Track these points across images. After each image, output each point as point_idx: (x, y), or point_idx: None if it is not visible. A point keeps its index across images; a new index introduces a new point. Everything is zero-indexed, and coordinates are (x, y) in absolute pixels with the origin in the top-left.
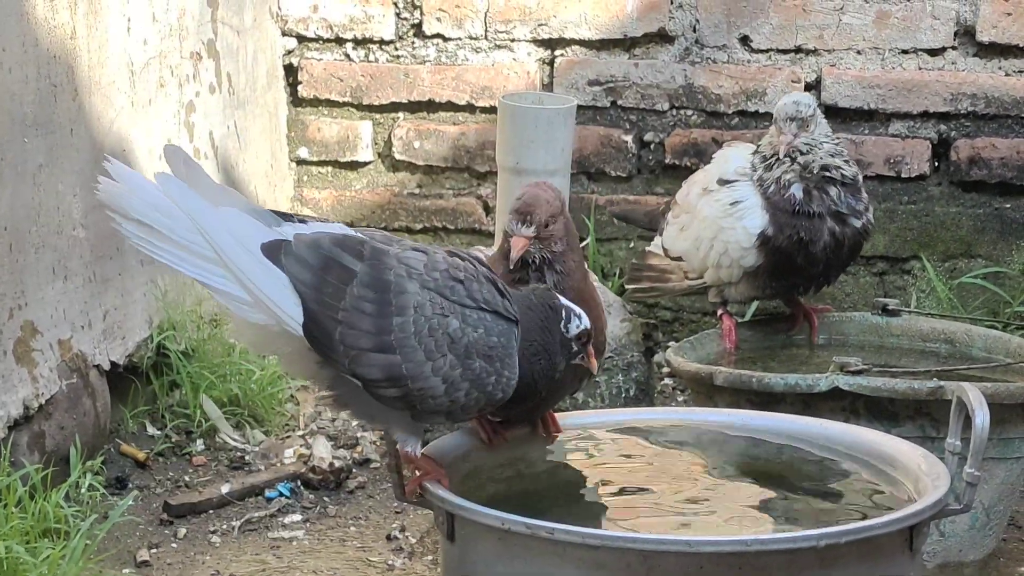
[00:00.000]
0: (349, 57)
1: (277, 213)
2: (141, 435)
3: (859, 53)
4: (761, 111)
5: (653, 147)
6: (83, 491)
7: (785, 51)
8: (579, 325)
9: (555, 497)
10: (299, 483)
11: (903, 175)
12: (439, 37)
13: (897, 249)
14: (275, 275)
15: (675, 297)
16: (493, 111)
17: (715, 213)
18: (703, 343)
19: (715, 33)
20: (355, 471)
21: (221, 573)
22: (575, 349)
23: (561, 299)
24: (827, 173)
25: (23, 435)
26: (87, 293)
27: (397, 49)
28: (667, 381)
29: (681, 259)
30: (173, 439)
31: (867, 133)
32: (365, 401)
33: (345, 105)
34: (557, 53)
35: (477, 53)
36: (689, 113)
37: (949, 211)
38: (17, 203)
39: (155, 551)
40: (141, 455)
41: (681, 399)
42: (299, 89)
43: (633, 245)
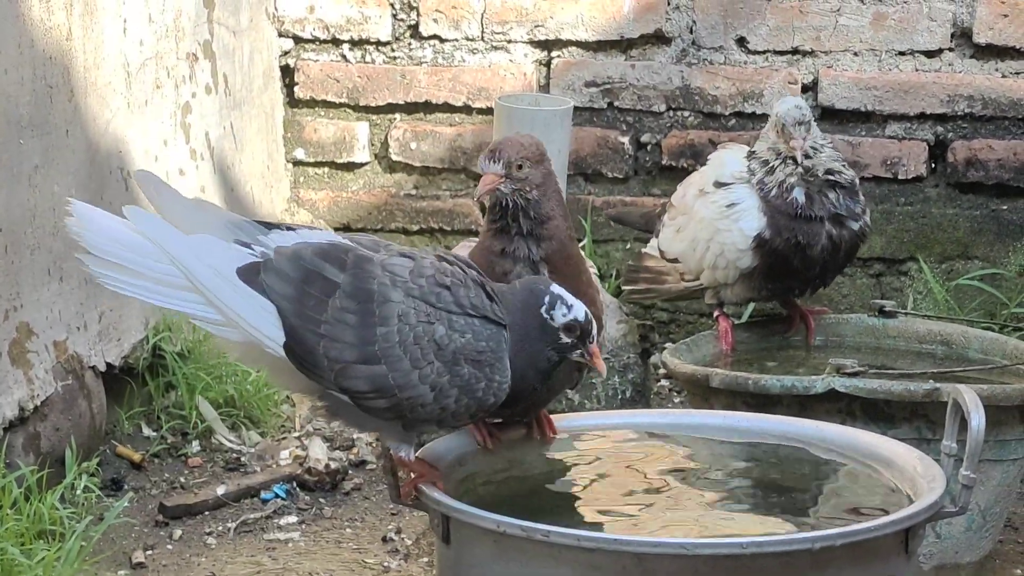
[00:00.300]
0: (345, 58)
1: (261, 223)
2: (137, 436)
3: (856, 55)
4: (758, 112)
5: (650, 148)
6: (78, 492)
7: (782, 52)
8: (567, 314)
9: (550, 499)
10: (295, 484)
11: (900, 177)
12: (436, 38)
13: (894, 251)
14: (253, 299)
15: (671, 299)
16: (490, 112)
17: (712, 215)
18: (699, 345)
19: (712, 34)
20: (351, 473)
21: (217, 575)
22: (564, 340)
23: (554, 287)
24: (830, 177)
25: (18, 436)
26: (83, 294)
27: (394, 50)
28: (663, 383)
29: (677, 261)
30: (169, 440)
31: (864, 135)
32: (355, 412)
33: (341, 106)
34: (554, 54)
35: (474, 54)
36: (686, 114)
37: (946, 213)
38: (13, 204)
39: (150, 552)
40: (137, 456)
41: (677, 401)
42: (295, 90)
43: (630, 246)
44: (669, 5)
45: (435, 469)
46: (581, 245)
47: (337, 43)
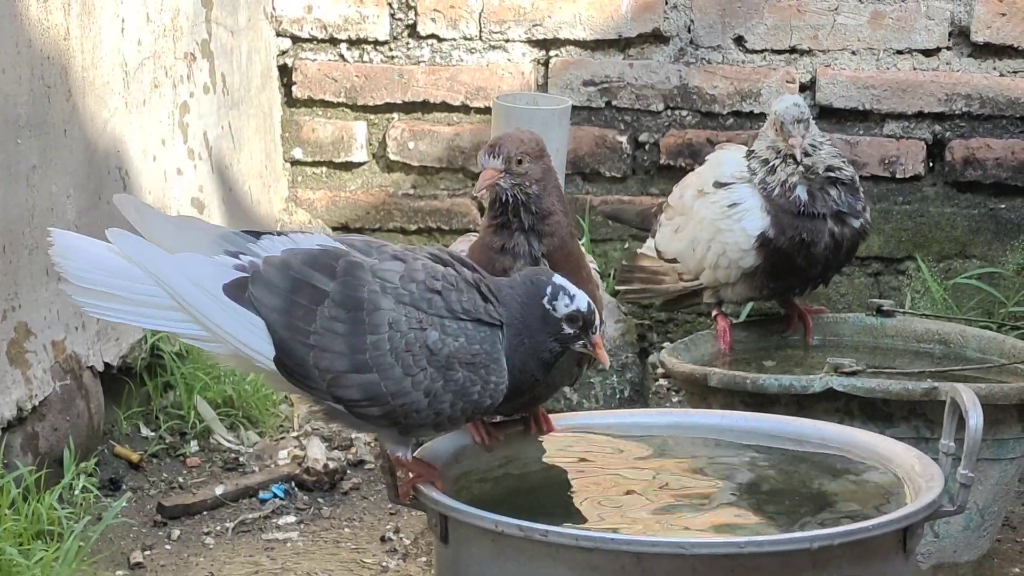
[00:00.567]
0: (343, 57)
1: (249, 232)
2: (135, 436)
3: (854, 53)
4: (756, 112)
5: (648, 148)
6: (76, 493)
7: (780, 51)
8: (569, 305)
9: (549, 498)
10: (293, 484)
11: (898, 176)
12: (433, 38)
13: (892, 250)
14: (240, 315)
15: (668, 300)
16: (488, 112)
17: (713, 215)
18: (697, 344)
19: (710, 33)
20: (349, 472)
21: (215, 575)
22: (567, 331)
23: (556, 278)
24: (831, 174)
25: (16, 436)
26: None
27: (391, 50)
28: (662, 382)
29: (675, 261)
30: (167, 440)
31: (862, 134)
32: (351, 418)
33: (339, 105)
34: (552, 53)
35: (472, 54)
36: (684, 113)
37: (944, 212)
38: (10, 204)
39: (149, 553)
40: (135, 456)
41: (676, 400)
42: (293, 89)
43: (628, 246)
44: (667, 4)
45: (433, 469)
46: (580, 243)
47: (335, 42)
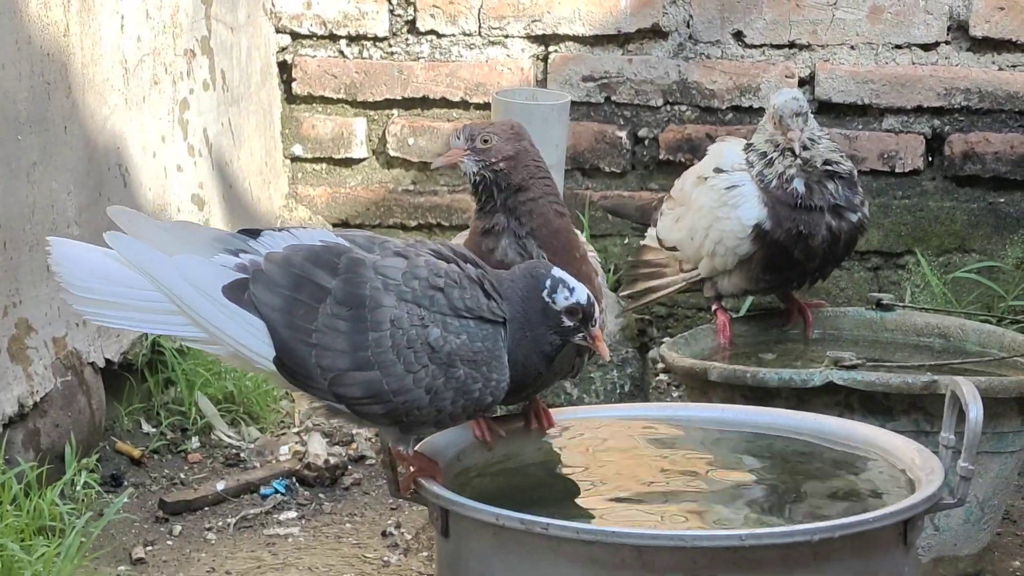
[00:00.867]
0: (343, 54)
1: (247, 231)
2: (136, 432)
3: (852, 48)
4: (755, 106)
5: (647, 143)
6: (78, 489)
7: (779, 46)
8: (568, 298)
9: (549, 492)
10: (294, 480)
11: (897, 170)
12: (433, 34)
13: (891, 244)
14: (240, 317)
15: (670, 297)
16: (487, 108)
17: (710, 203)
18: (697, 339)
19: (709, 28)
20: (350, 468)
21: (216, 570)
22: (567, 324)
23: (555, 271)
24: (829, 167)
25: (18, 433)
26: None
27: (391, 46)
28: (662, 377)
29: (676, 249)
30: (168, 436)
31: (861, 128)
32: (352, 415)
33: (339, 102)
34: (551, 49)
35: (471, 49)
36: (683, 109)
37: (943, 206)
38: (11, 201)
39: (150, 548)
40: (136, 452)
41: (676, 395)
42: (293, 86)
43: (628, 241)
44: None
45: (434, 463)
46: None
47: (334, 39)
